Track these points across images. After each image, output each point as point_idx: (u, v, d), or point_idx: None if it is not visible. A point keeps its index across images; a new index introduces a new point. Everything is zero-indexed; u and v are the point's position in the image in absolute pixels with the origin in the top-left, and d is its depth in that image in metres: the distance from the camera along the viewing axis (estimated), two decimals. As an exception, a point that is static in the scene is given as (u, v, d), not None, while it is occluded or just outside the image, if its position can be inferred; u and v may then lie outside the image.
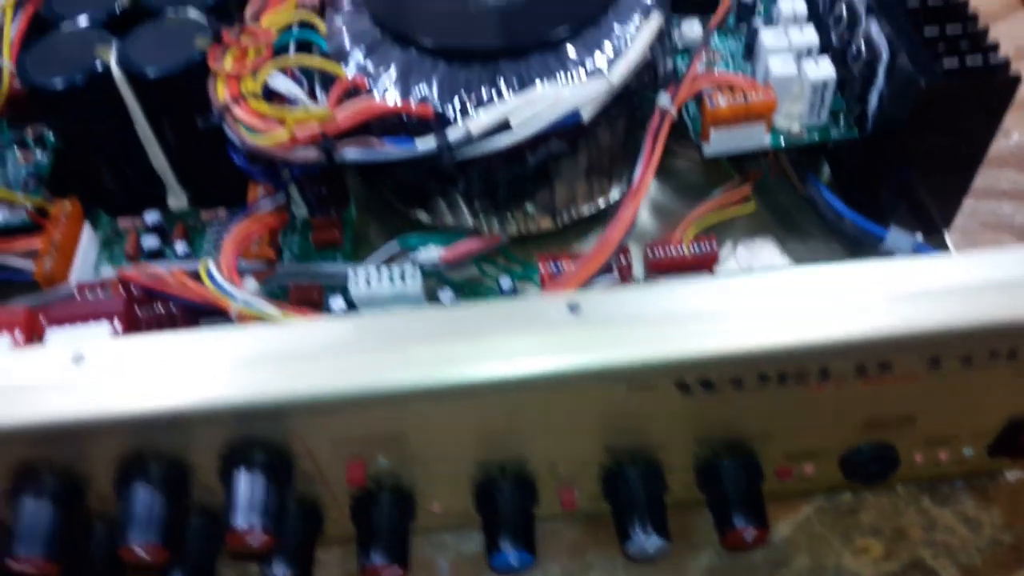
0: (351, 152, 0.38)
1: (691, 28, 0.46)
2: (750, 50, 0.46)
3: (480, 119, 0.38)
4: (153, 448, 0.30)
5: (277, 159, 0.38)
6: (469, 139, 0.37)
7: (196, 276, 0.38)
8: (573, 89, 0.38)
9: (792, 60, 0.42)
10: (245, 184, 0.44)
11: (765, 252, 0.45)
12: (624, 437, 0.32)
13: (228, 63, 0.40)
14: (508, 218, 0.44)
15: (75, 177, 0.45)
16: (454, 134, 0.38)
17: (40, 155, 0.46)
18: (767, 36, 0.42)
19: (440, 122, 0.39)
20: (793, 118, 0.42)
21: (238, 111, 0.38)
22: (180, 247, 0.43)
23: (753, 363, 0.29)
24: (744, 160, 0.45)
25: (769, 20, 0.47)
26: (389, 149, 0.38)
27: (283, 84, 0.40)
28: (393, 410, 0.30)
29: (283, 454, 0.31)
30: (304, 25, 0.43)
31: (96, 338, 0.35)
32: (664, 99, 0.40)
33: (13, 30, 0.44)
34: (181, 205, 0.47)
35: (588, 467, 0.34)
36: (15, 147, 0.46)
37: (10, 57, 0.43)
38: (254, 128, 0.38)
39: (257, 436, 0.30)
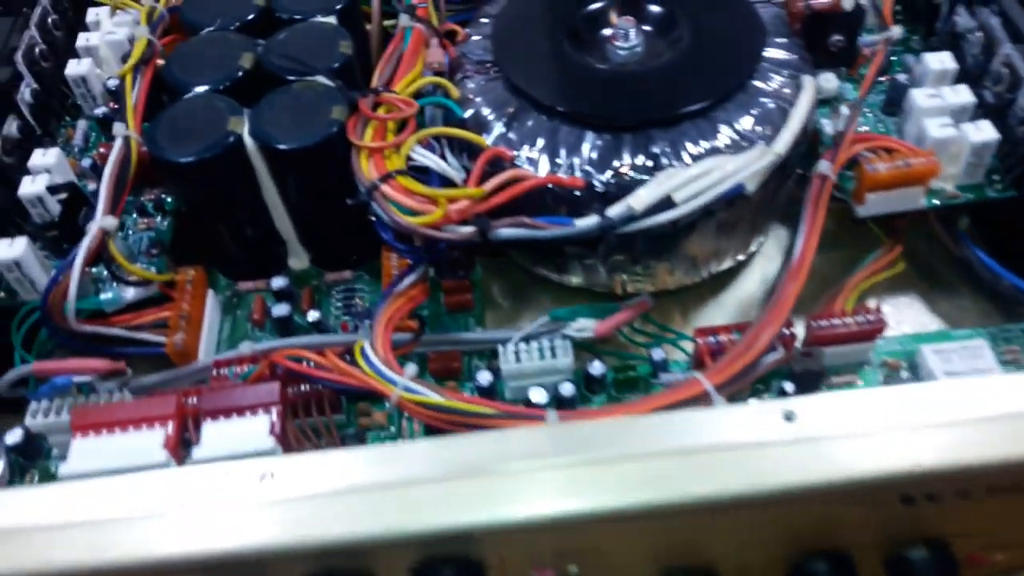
0: (506, 231, 0.37)
1: (827, 81, 0.45)
2: (891, 103, 0.44)
3: (643, 196, 0.36)
4: (345, 569, 0.29)
5: (430, 238, 0.37)
6: (632, 217, 0.36)
7: (347, 355, 0.37)
8: (738, 162, 0.37)
9: (949, 121, 0.40)
10: (368, 246, 0.42)
11: (911, 311, 0.44)
12: (823, 540, 0.31)
13: (369, 136, 0.39)
14: (646, 276, 0.43)
15: (194, 242, 0.44)
16: (616, 211, 0.36)
17: (159, 220, 0.44)
18: (920, 97, 0.41)
19: (591, 193, 0.38)
20: (947, 178, 0.41)
21: (388, 190, 0.37)
22: (312, 315, 0.42)
23: (989, 475, 0.27)
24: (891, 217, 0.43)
25: (907, 72, 0.45)
26: (547, 229, 0.36)
27: (428, 159, 0.38)
28: (602, 528, 0.28)
29: (477, 568, 0.30)
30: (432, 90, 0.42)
31: (258, 434, 0.34)
32: (824, 166, 0.39)
33: (134, 96, 0.42)
34: (303, 266, 0.45)
35: (777, 565, 0.33)
36: (134, 213, 0.44)
37: (135, 127, 0.41)
38: (407, 207, 0.37)
39: (453, 552, 0.29)
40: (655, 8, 0.44)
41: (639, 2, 0.44)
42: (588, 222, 0.36)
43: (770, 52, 0.42)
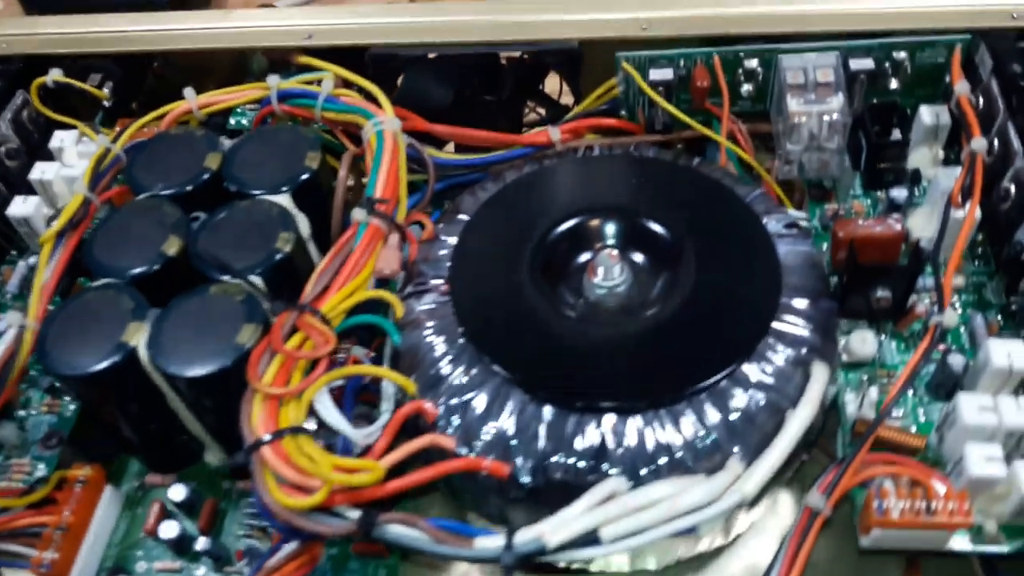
0: (394, 530, 0.30)
1: (862, 342, 0.36)
2: (940, 385, 0.35)
3: (561, 528, 0.29)
4: None
5: (298, 528, 0.30)
6: (542, 551, 0.29)
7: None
8: (695, 496, 0.29)
9: (998, 454, 0.31)
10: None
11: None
12: None
13: (273, 370, 0.33)
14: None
15: (102, 429, 0.39)
16: (524, 539, 0.29)
17: (65, 402, 0.39)
18: (968, 407, 0.31)
19: (514, 483, 0.31)
20: (989, 515, 0.32)
21: (269, 454, 0.31)
22: (202, 542, 0.36)
23: None
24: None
25: (973, 342, 0.36)
26: (442, 541, 0.30)
27: (327, 412, 0.32)
28: None
29: None
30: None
31: None
32: (815, 498, 0.30)
33: (48, 271, 0.38)
34: (219, 461, 0.40)
35: None
36: (42, 389, 0.40)
37: (36, 313, 0.36)
38: (286, 479, 0.30)
39: None
40: (655, 228, 0.37)
41: (634, 222, 0.37)
42: (490, 547, 0.29)
43: (781, 321, 0.33)
